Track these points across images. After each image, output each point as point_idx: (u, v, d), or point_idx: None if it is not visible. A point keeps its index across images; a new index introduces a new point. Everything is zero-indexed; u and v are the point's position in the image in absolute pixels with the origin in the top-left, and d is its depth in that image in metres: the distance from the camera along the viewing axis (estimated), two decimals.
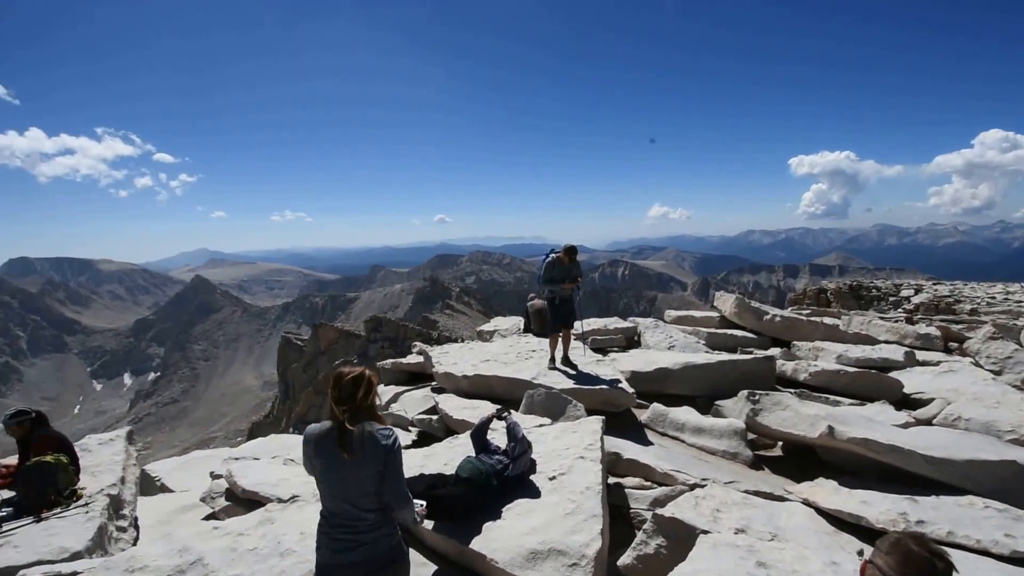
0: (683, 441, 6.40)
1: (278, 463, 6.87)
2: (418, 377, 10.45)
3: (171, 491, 8.07)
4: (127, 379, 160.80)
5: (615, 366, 7.70)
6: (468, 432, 6.02)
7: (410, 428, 7.75)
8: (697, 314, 12.06)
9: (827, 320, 11.18)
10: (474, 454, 4.81)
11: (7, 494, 5.12)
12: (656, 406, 6.88)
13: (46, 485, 4.89)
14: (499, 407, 5.27)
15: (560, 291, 7.29)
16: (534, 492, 4.54)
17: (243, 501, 5.70)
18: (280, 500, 5.30)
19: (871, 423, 5.52)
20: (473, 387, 7.39)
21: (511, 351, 8.31)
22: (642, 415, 6.98)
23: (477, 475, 4.35)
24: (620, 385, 6.68)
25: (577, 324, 7.60)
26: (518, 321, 12.84)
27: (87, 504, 4.83)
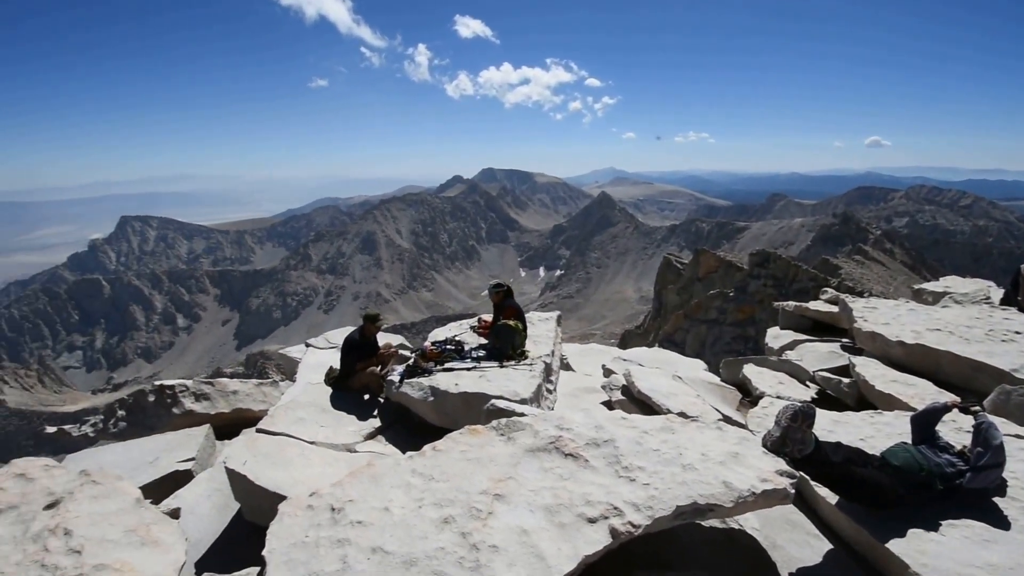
0: None
1: (665, 375, 7.30)
2: (822, 328, 9.16)
3: (573, 371, 9.74)
4: (541, 272, 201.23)
5: None
6: (897, 411, 4.94)
7: (808, 384, 6.94)
8: None
9: None
10: (911, 442, 3.88)
11: (483, 341, 7.11)
12: None
13: (508, 342, 6.54)
14: (968, 398, 4.03)
15: None
16: (999, 520, 3.45)
17: (636, 400, 6.34)
18: (670, 411, 5.65)
19: None
20: (909, 358, 5.91)
21: (977, 324, 6.21)
22: None
23: (915, 469, 3.52)
24: None
25: None
26: (985, 286, 9.54)
27: (531, 364, 6.24)
